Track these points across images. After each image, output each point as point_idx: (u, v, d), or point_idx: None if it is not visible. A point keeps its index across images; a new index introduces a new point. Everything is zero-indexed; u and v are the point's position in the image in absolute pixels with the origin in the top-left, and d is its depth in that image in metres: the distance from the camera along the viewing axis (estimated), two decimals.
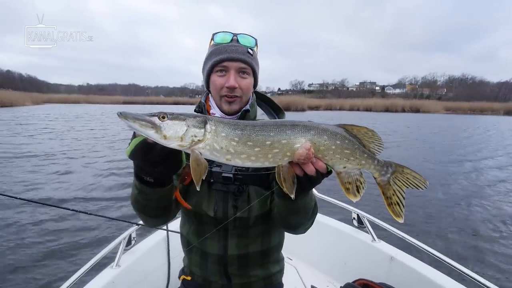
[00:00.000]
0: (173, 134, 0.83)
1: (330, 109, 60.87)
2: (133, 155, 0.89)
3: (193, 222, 1.32)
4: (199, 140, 0.85)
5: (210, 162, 1.08)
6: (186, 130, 0.85)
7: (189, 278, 1.40)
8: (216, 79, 1.21)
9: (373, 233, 2.31)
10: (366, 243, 2.31)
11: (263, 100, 1.43)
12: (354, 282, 1.94)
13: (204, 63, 1.28)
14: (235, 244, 1.29)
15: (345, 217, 2.67)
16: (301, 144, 0.87)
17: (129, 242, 2.10)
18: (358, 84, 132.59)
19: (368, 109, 58.29)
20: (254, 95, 1.35)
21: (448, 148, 14.01)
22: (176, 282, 1.51)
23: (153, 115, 0.84)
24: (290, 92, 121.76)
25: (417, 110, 57.15)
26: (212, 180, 1.23)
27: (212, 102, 1.29)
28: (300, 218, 1.13)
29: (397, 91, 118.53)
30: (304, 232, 1.23)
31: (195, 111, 1.34)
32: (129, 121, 0.81)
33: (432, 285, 1.81)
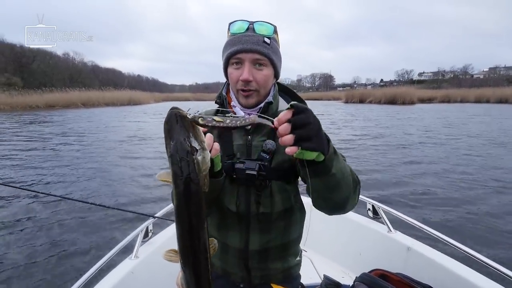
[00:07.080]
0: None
1: (448, 102, 50.57)
2: None
3: (214, 215, 1.29)
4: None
5: (231, 157, 1.17)
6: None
7: None
8: (232, 72, 1.15)
9: (388, 223, 2.30)
10: (382, 234, 2.30)
11: (285, 92, 1.36)
12: (370, 272, 1.79)
13: (222, 55, 1.22)
14: (257, 239, 1.25)
15: (360, 208, 2.66)
16: None
17: (146, 235, 2.17)
18: (487, 70, 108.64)
19: (502, 101, 46.31)
20: (276, 86, 1.28)
21: None
22: None
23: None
24: (395, 83, 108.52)
25: None
26: (234, 176, 1.19)
27: (232, 95, 1.25)
28: (344, 191, 0.97)
29: None
30: (352, 208, 1.07)
31: (216, 102, 1.29)
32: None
33: (449, 274, 1.78)
